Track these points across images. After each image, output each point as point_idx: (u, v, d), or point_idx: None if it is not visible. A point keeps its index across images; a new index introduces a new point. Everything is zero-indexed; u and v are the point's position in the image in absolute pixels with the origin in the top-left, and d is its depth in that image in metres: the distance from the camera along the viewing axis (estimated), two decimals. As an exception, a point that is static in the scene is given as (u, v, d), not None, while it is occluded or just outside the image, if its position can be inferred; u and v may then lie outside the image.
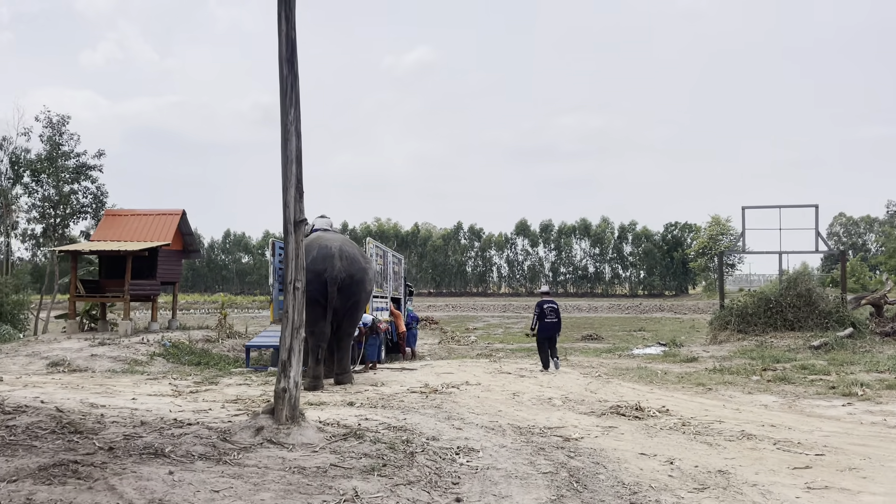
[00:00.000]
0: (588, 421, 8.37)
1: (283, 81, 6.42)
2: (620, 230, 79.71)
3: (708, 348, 17.59)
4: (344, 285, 11.61)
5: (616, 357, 17.15)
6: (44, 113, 20.95)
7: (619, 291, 79.58)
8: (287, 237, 6.37)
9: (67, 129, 21.32)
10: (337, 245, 11.90)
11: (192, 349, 17.02)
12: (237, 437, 6.04)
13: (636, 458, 6.42)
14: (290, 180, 6.37)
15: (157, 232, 19.40)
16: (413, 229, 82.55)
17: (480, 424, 7.88)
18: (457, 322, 40.00)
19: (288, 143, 6.40)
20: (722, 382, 11.77)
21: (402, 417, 8.11)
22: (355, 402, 9.54)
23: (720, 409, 9.21)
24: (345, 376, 11.90)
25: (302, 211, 6.45)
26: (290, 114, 6.41)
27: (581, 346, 22.94)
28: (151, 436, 6.06)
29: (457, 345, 24.28)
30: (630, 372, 13.54)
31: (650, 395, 10.39)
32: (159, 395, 10.65)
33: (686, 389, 11.19)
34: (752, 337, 17.51)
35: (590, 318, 46.74)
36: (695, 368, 13.98)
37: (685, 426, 7.93)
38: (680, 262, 74.89)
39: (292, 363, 6.29)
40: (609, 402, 9.62)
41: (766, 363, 13.82)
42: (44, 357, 15.05)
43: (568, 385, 11.58)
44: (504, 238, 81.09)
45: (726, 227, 67.13)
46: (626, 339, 26.61)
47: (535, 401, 9.92)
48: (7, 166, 20.60)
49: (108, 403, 9.23)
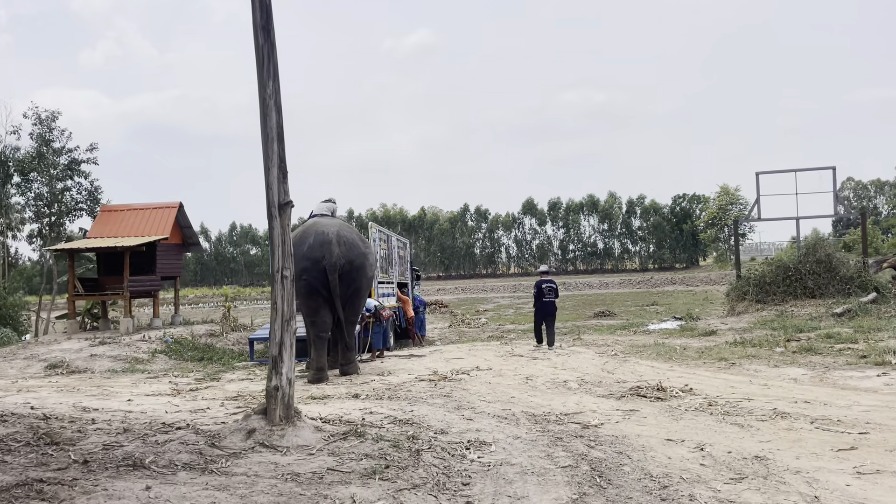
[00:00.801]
0: (607, 405, 7.84)
1: (259, 51, 5.85)
2: (628, 204, 78.84)
3: (726, 320, 17.00)
4: (344, 272, 11.09)
5: (631, 333, 16.59)
6: (32, 109, 20.50)
7: (629, 266, 78.86)
8: (271, 222, 5.84)
9: (58, 125, 20.84)
10: (334, 230, 11.37)
11: (195, 344, 16.61)
12: (227, 441, 5.55)
13: (662, 444, 5.89)
14: (272, 159, 5.82)
15: (155, 226, 18.93)
16: (419, 213, 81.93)
17: (492, 413, 7.37)
18: (467, 305, 39.52)
19: (268, 119, 5.84)
20: (745, 356, 11.21)
21: (408, 409, 7.61)
22: (360, 395, 9.05)
23: (747, 386, 8.67)
24: (350, 367, 11.41)
25: (286, 192, 5.90)
26: (269, 86, 5.85)
27: (594, 323, 22.39)
28: (133, 444, 5.57)
29: (467, 328, 23.80)
30: (647, 349, 13.00)
31: (671, 374, 9.85)
32: (157, 395, 10.22)
33: (708, 365, 10.64)
34: (772, 307, 16.91)
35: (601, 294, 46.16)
36: (714, 342, 13.42)
37: (712, 406, 7.39)
38: (689, 235, 74.05)
39: (284, 359, 5.78)
40: (628, 383, 9.09)
41: (788, 333, 13.25)
42: (42, 359, 14.67)
43: (583, 366, 11.05)
44: (511, 218, 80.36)
45: (735, 197, 66.25)
46: (640, 314, 26.04)
47: (549, 384, 9.40)
48: None
49: (102, 407, 8.79)
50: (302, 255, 11.18)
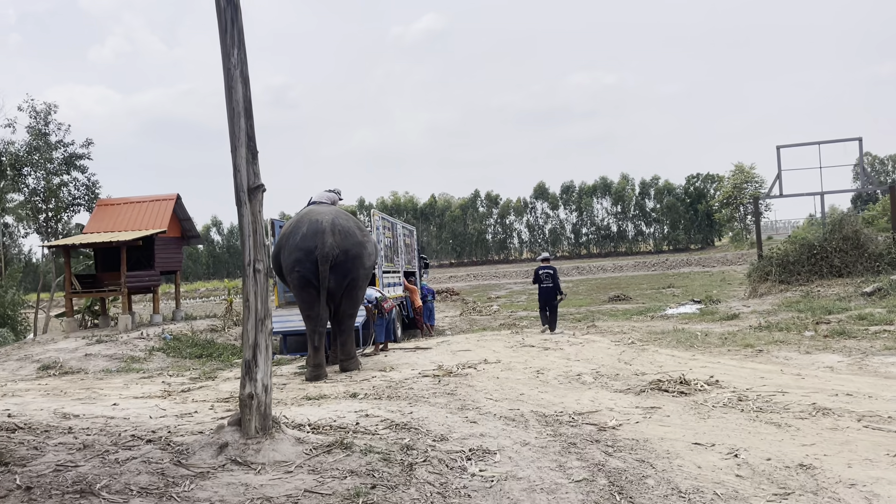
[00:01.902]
0: (625, 401, 7.14)
1: (222, 15, 5.15)
2: (641, 186, 77.62)
3: (748, 302, 16.20)
4: (338, 262, 10.41)
5: (648, 319, 15.84)
6: (27, 102, 19.89)
7: (643, 248, 77.73)
8: (240, 208, 5.16)
9: (54, 119, 20.24)
10: (329, 219, 10.67)
11: (194, 341, 16.03)
12: (195, 458, 4.91)
13: (690, 450, 5.19)
14: (240, 137, 5.14)
15: (152, 219, 18.34)
16: (430, 201, 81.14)
17: (499, 414, 6.70)
18: (479, 292, 38.82)
19: (233, 92, 5.16)
20: (772, 342, 10.45)
21: (408, 411, 6.95)
22: (358, 394, 8.41)
23: (778, 376, 7.93)
24: (350, 362, 10.77)
25: (256, 175, 5.22)
26: (234, 55, 5.16)
27: (609, 308, 21.63)
28: (90, 464, 4.94)
29: (479, 315, 23.12)
30: (666, 336, 12.25)
31: (693, 363, 9.12)
32: (146, 398, 9.64)
33: (733, 353, 9.89)
34: (796, 287, 16.09)
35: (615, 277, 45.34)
36: (737, 327, 12.65)
37: (742, 401, 6.66)
38: (704, 215, 72.83)
39: (259, 363, 5.12)
40: (648, 376, 8.37)
41: (817, 315, 12.47)
42: (36, 360, 14.14)
43: (598, 356, 10.34)
44: (523, 203, 79.42)
45: (751, 175, 64.92)
46: (656, 297, 25.25)
47: (561, 378, 8.71)
48: None
49: (84, 413, 8.21)
50: (295, 246, 10.55)
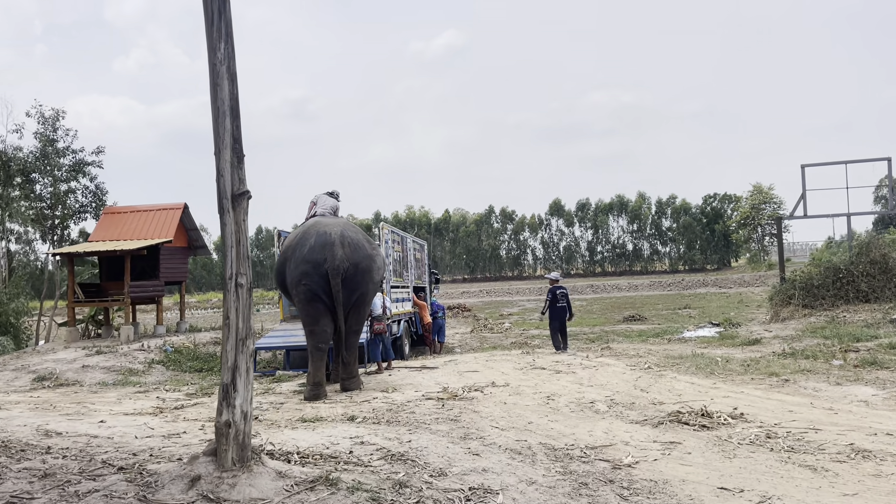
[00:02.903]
0: (642, 434, 6.58)
1: (208, 6, 4.73)
2: (658, 205, 76.91)
3: (770, 327, 15.55)
4: (347, 276, 9.97)
5: (665, 342, 15.23)
6: (35, 108, 19.68)
7: (658, 268, 76.87)
8: (223, 216, 4.70)
9: (62, 125, 20.01)
10: (338, 231, 10.25)
11: (195, 354, 15.62)
12: (163, 492, 4.42)
13: (715, 496, 4.65)
14: (224, 140, 4.69)
15: (158, 228, 18.00)
16: (444, 216, 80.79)
17: (504, 446, 6.17)
18: (491, 308, 38.23)
19: (219, 90, 4.72)
20: (798, 371, 9.84)
21: (406, 439, 6.43)
22: (357, 417, 7.91)
23: (809, 410, 7.34)
24: (351, 382, 10.28)
25: (242, 180, 4.77)
26: (220, 50, 4.73)
27: (623, 328, 20.99)
28: (46, 497, 4.45)
29: (490, 333, 22.57)
30: (685, 361, 11.66)
31: (715, 393, 8.54)
32: (137, 414, 9.22)
33: (757, 382, 9.30)
34: (821, 312, 15.43)
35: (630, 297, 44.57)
36: (760, 353, 12.04)
37: (771, 439, 6.09)
38: (721, 235, 71.94)
39: (238, 387, 4.63)
40: (666, 405, 7.81)
41: (844, 343, 11.83)
42: (32, 370, 13.78)
43: (613, 381, 9.77)
44: (538, 219, 78.88)
45: (769, 196, 64.01)
46: (672, 318, 24.57)
47: (573, 405, 8.16)
48: None
49: (67, 430, 7.76)
50: (302, 258, 10.12)
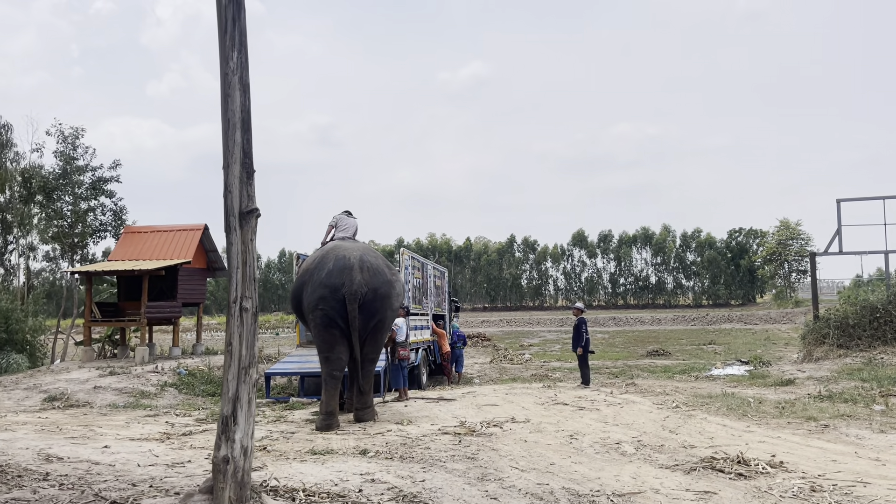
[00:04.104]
0: (673, 481, 6.12)
1: (222, 13, 4.48)
2: (682, 238, 76.06)
3: (803, 367, 14.92)
4: (366, 301, 9.65)
5: (692, 379, 14.66)
6: (55, 126, 19.78)
7: (682, 302, 75.68)
8: (229, 235, 4.40)
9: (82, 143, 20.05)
10: (357, 255, 9.95)
11: (209, 377, 15.32)
12: (153, 533, 4.08)
13: (759, 557, 4.18)
14: (234, 154, 4.41)
15: (178, 249, 17.86)
16: (466, 243, 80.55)
17: (524, 489, 5.74)
18: (511, 338, 37.66)
19: (230, 101, 4.45)
20: (838, 415, 9.28)
21: (419, 478, 6.03)
22: (369, 451, 7.53)
23: (853, 460, 6.82)
24: (366, 412, 9.90)
25: (251, 197, 4.47)
26: (233, 59, 4.47)
27: (647, 363, 20.39)
28: (27, 533, 4.13)
29: (509, 364, 22.04)
30: (714, 400, 11.11)
31: (749, 437, 8.03)
32: (143, 439, 8.92)
33: (794, 427, 8.75)
34: (857, 352, 14.79)
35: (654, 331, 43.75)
36: (794, 394, 11.47)
37: (816, 492, 5.60)
38: (746, 270, 70.81)
39: (239, 420, 4.29)
40: (697, 449, 7.32)
41: (884, 386, 11.23)
42: (43, 390, 13.56)
43: (639, 421, 9.27)
44: (560, 250, 78.32)
45: (796, 231, 62.98)
46: (697, 353, 23.88)
47: (598, 446, 7.69)
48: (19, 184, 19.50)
49: (69, 455, 7.50)
50: (319, 282, 9.83)
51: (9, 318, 16.88)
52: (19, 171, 20.09)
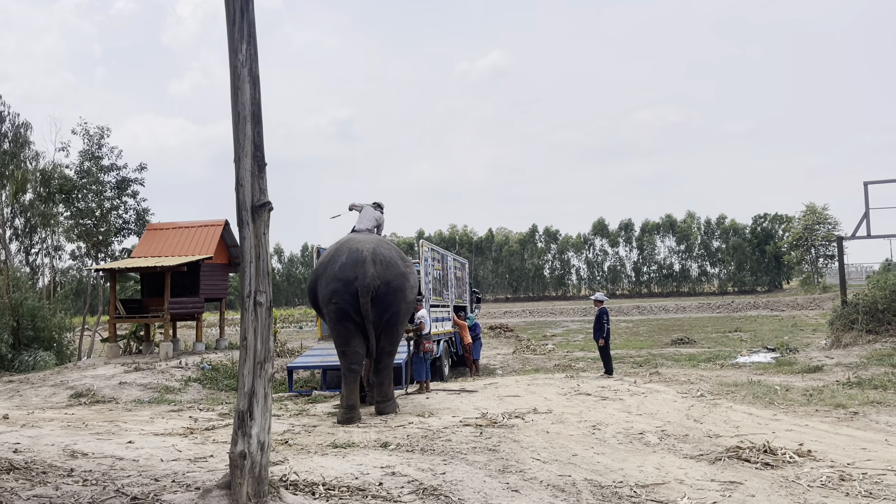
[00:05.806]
0: (698, 471, 6.01)
1: (230, 5, 4.43)
2: (706, 225, 75.18)
3: (831, 353, 14.65)
4: (379, 294, 9.60)
5: (717, 367, 14.46)
6: (81, 125, 19.93)
7: (706, 289, 74.85)
8: (242, 229, 4.37)
9: (107, 142, 20.24)
10: (370, 247, 9.89)
11: (232, 372, 15.41)
12: (172, 529, 4.07)
13: (787, 549, 4.08)
14: (245, 147, 4.38)
15: (199, 245, 17.98)
16: (487, 235, 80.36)
17: (546, 481, 5.67)
18: (534, 328, 37.50)
19: (240, 94, 4.41)
20: (867, 402, 9.09)
21: (440, 471, 5.99)
22: (390, 443, 7.51)
23: (884, 447, 6.66)
24: (387, 405, 9.87)
25: (263, 190, 4.44)
26: (241, 51, 4.42)
27: (672, 352, 20.16)
28: (47, 530, 4.15)
29: (532, 354, 21.92)
30: (740, 388, 10.95)
31: (776, 425, 7.88)
32: (167, 434, 8.98)
33: (822, 414, 8.58)
34: (887, 338, 14.48)
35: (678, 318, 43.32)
36: (822, 381, 11.26)
37: (845, 481, 5.46)
38: (772, 256, 69.82)
39: (255, 415, 4.27)
40: (723, 438, 7.20)
41: (915, 373, 10.99)
42: (70, 387, 13.73)
43: (663, 410, 9.15)
44: (582, 239, 77.81)
45: (823, 216, 61.95)
46: (722, 341, 23.58)
47: (621, 436, 7.60)
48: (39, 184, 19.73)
49: (94, 451, 7.57)
50: (333, 276, 9.80)
51: (35, 316, 17.11)
52: (38, 171, 20.33)
